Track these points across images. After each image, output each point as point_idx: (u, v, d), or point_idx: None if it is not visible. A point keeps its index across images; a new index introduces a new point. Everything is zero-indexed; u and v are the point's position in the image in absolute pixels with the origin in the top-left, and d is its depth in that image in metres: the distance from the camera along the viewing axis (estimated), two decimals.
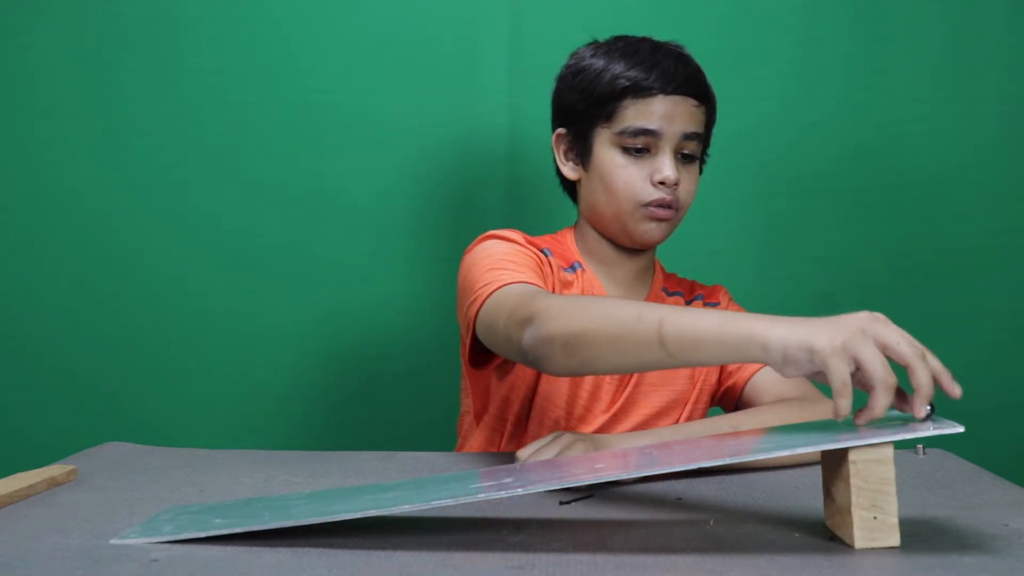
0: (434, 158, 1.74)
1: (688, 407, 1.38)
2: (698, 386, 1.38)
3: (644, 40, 1.35)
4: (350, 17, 1.74)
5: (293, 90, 1.74)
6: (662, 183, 1.29)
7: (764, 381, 1.34)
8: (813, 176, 1.75)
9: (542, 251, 1.34)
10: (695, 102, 1.31)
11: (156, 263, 1.74)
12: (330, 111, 1.74)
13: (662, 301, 1.40)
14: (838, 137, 1.75)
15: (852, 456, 0.83)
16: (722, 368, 1.38)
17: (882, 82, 1.74)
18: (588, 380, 1.34)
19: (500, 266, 1.23)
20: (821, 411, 1.23)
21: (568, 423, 1.34)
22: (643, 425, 1.35)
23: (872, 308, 1.82)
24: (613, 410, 1.35)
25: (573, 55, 1.36)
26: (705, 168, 1.77)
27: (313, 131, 1.74)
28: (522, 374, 1.34)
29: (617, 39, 1.35)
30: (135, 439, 1.38)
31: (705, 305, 1.42)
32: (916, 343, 0.91)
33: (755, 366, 1.35)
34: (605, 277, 1.38)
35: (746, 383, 1.35)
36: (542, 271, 1.29)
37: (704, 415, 1.40)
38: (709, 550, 0.85)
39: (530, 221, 1.59)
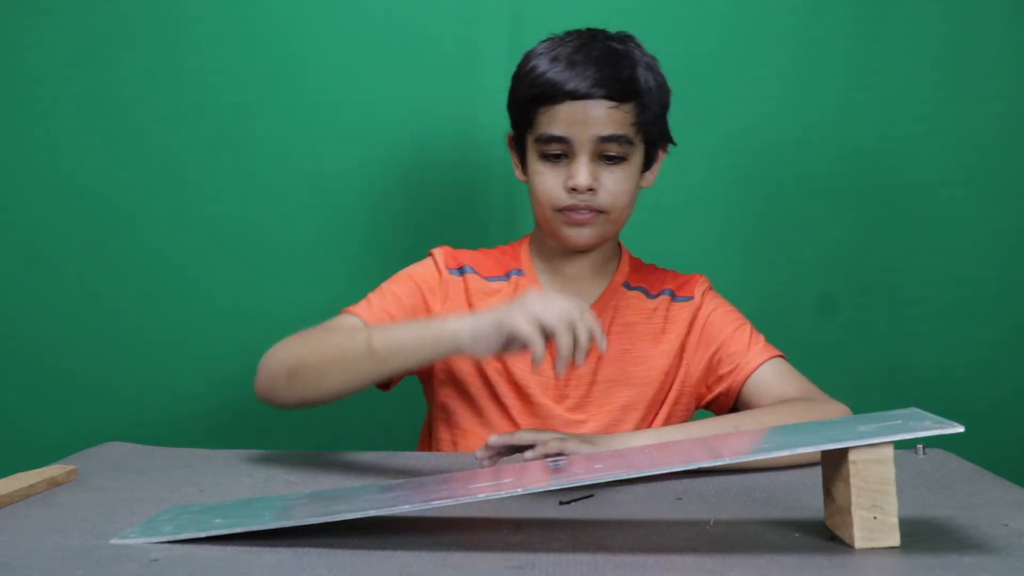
0: (434, 158, 1.74)
1: (665, 408, 1.36)
2: (675, 387, 1.36)
3: (575, 39, 1.33)
4: (350, 17, 1.74)
5: (293, 90, 1.74)
6: (574, 189, 1.29)
7: (763, 383, 1.32)
8: (813, 176, 1.75)
9: (461, 268, 1.38)
10: (611, 103, 1.28)
11: (156, 263, 1.74)
12: (330, 111, 1.74)
13: (621, 296, 1.39)
14: (838, 137, 1.75)
15: (852, 456, 0.83)
16: (711, 372, 1.35)
17: (882, 82, 1.74)
18: (540, 372, 1.34)
19: (375, 294, 1.35)
20: (824, 411, 1.23)
21: (531, 423, 1.34)
22: (611, 425, 1.34)
23: (872, 308, 1.84)
24: (568, 404, 1.34)
25: (524, 54, 1.36)
26: (704, 168, 1.78)
27: (313, 131, 1.74)
28: (446, 388, 1.37)
29: (565, 36, 1.34)
30: (135, 439, 1.38)
31: (674, 300, 1.39)
32: (573, 310, 1.05)
33: (748, 370, 1.32)
34: (554, 276, 1.39)
35: (741, 387, 1.33)
36: (417, 298, 1.35)
37: (687, 417, 1.37)
38: (709, 550, 0.85)
39: (528, 220, 1.58)
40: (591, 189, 1.29)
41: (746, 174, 1.75)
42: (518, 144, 1.37)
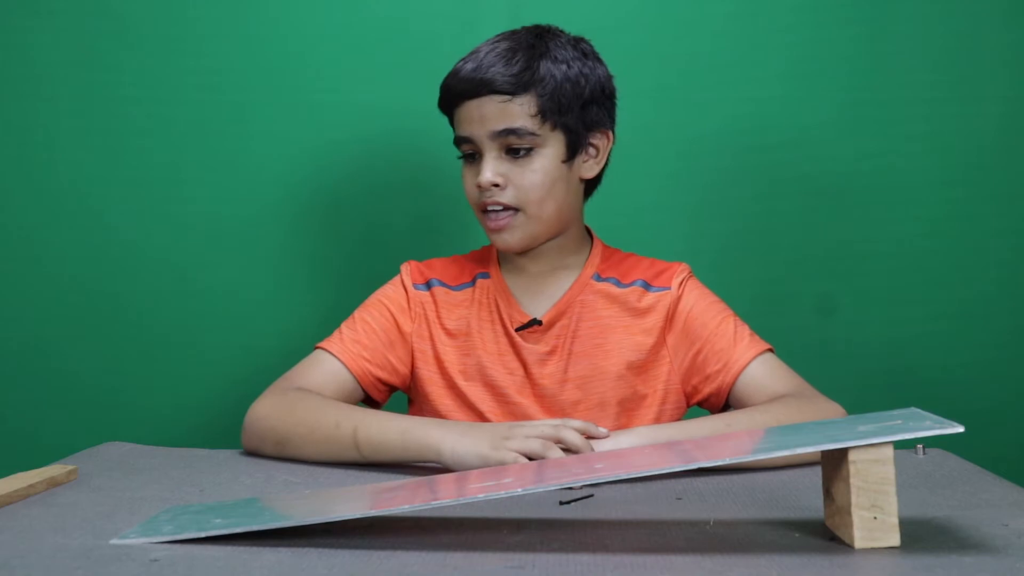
0: (434, 158, 1.74)
1: (652, 407, 1.34)
2: (660, 385, 1.35)
3: (497, 38, 1.35)
4: (350, 18, 1.74)
5: (293, 90, 1.74)
6: (479, 187, 1.31)
7: (753, 381, 1.30)
8: (813, 176, 1.75)
9: (427, 282, 1.39)
10: (503, 97, 1.29)
11: (156, 263, 1.74)
12: (330, 111, 1.74)
13: (589, 289, 1.37)
14: (838, 137, 1.75)
15: (852, 456, 0.83)
16: (696, 371, 1.33)
17: (882, 82, 1.74)
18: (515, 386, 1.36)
19: (347, 325, 1.38)
20: (818, 408, 1.22)
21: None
22: (588, 420, 1.33)
23: (871, 308, 1.84)
24: (544, 402, 1.34)
25: None
26: (705, 168, 1.77)
27: (313, 131, 1.74)
28: (424, 394, 1.38)
29: (495, 36, 1.36)
30: (135, 439, 1.38)
31: (648, 290, 1.36)
32: (548, 425, 1.13)
33: (737, 368, 1.30)
34: (519, 275, 1.39)
35: (731, 386, 1.30)
36: (388, 321, 1.37)
37: (677, 416, 1.36)
38: (709, 550, 0.85)
39: None
40: (496, 185, 1.30)
41: (745, 174, 1.75)
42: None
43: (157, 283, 1.74)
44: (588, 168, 1.36)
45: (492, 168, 1.30)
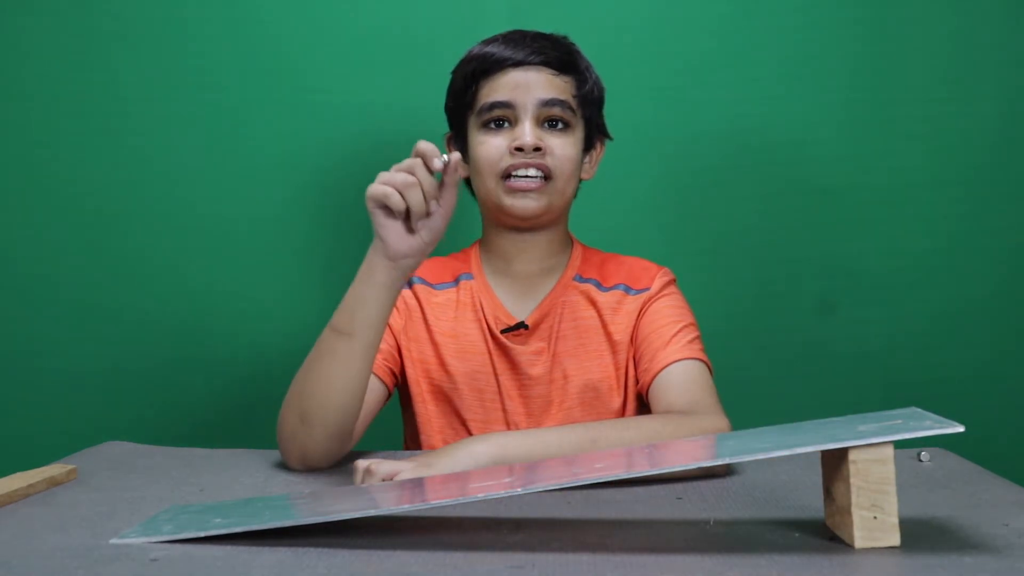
0: None
1: (632, 405, 1.35)
2: (621, 372, 1.34)
3: (518, 31, 1.36)
4: (349, 18, 1.74)
5: (292, 90, 1.74)
6: (519, 149, 1.29)
7: (662, 386, 1.27)
8: (813, 176, 1.75)
9: (409, 281, 1.35)
10: (552, 71, 1.32)
11: (156, 263, 1.74)
12: (329, 112, 1.74)
13: (572, 291, 1.37)
14: (837, 137, 1.75)
15: (852, 456, 0.83)
16: (636, 363, 1.32)
17: (882, 82, 1.74)
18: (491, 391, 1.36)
19: None
20: (695, 425, 1.16)
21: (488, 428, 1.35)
22: (572, 422, 1.33)
23: (871, 308, 1.83)
24: (530, 405, 1.35)
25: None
26: (705, 168, 1.77)
27: (312, 131, 1.74)
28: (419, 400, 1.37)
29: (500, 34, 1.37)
30: (135, 439, 1.38)
31: (628, 293, 1.36)
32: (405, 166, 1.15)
33: (658, 367, 1.28)
34: (504, 277, 1.39)
35: (651, 384, 1.29)
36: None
37: (636, 408, 1.35)
38: (709, 550, 0.85)
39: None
40: (538, 149, 1.29)
41: (745, 174, 1.75)
42: (459, 137, 1.39)
43: (157, 283, 1.74)
44: (587, 169, 1.39)
45: (533, 133, 1.30)
